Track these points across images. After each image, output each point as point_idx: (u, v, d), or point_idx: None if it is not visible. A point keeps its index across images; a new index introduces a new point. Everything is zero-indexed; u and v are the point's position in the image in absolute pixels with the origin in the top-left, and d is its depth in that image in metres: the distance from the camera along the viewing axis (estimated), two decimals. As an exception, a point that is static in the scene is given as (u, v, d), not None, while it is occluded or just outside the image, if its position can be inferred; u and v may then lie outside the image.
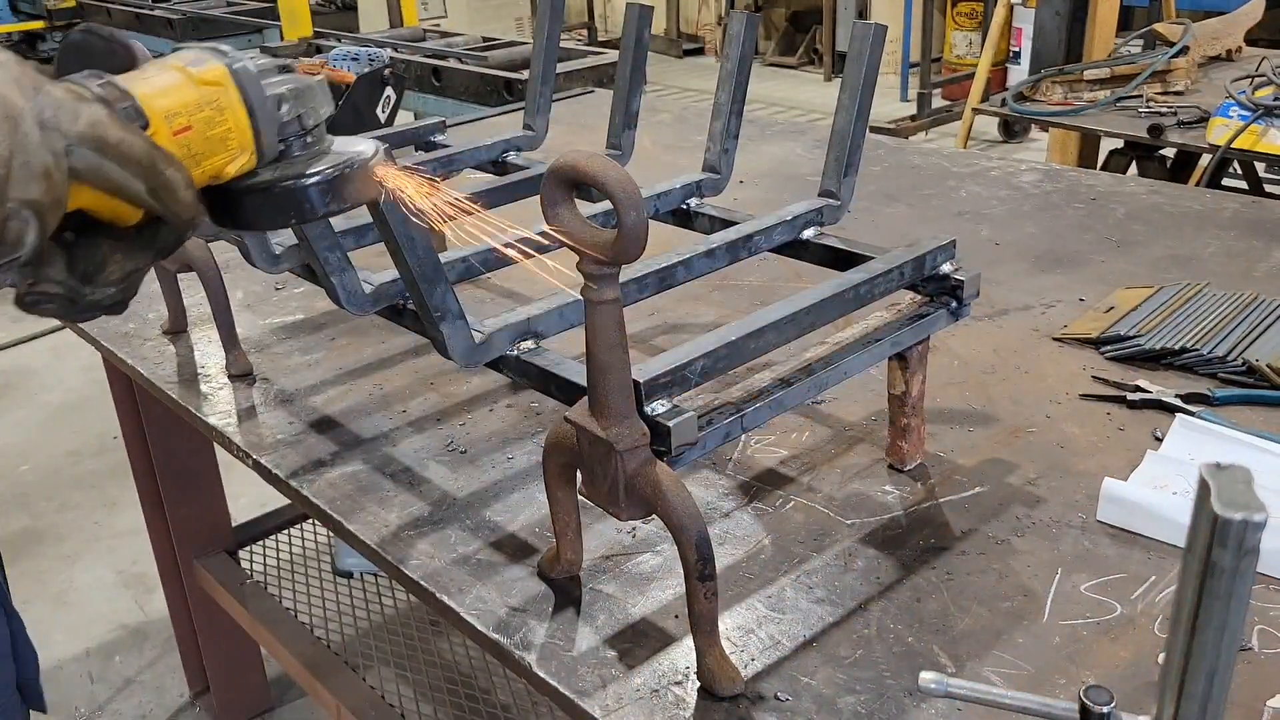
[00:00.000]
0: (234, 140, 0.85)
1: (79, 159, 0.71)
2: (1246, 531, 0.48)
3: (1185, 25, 3.63)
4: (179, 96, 0.81)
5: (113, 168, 0.73)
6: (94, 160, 0.72)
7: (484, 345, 1.13)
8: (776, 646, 1.06)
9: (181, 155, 0.80)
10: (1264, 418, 1.39)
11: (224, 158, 0.84)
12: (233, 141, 0.85)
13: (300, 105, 0.89)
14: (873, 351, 1.20)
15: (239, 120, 0.84)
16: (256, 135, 0.86)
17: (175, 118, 0.81)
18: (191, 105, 0.82)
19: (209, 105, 0.83)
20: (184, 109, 0.81)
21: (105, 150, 0.72)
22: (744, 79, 1.51)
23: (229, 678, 2.66)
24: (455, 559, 1.20)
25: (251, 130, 0.85)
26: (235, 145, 0.85)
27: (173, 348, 1.73)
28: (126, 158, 0.73)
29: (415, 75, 4.12)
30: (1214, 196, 2.22)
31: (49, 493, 3.73)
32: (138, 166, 0.74)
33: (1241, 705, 0.95)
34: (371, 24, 7.17)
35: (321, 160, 0.89)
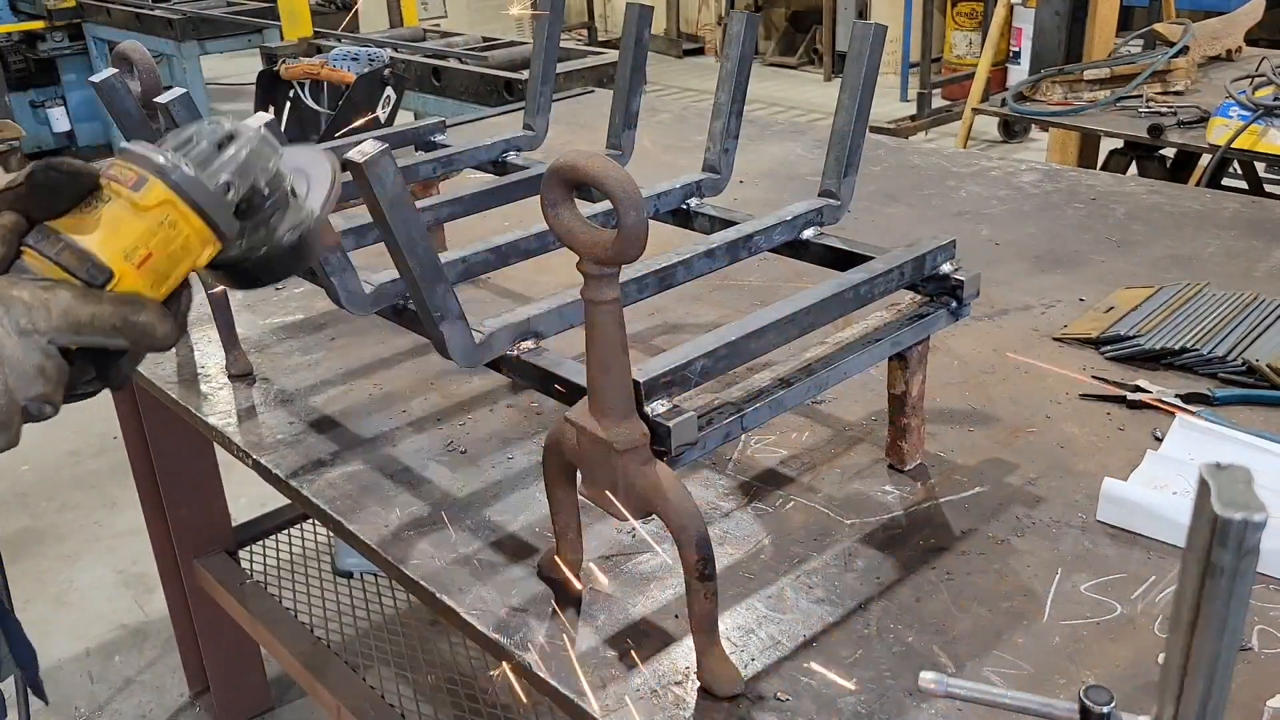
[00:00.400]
0: (194, 242, 0.88)
1: (65, 341, 0.81)
2: (1246, 531, 0.48)
3: (1185, 25, 3.63)
4: (132, 232, 0.85)
5: (94, 338, 0.82)
6: (76, 339, 0.81)
7: (484, 345, 1.13)
8: (776, 646, 1.06)
9: (151, 281, 0.86)
10: (1264, 418, 1.39)
11: (190, 260, 0.89)
12: (193, 244, 0.88)
13: (247, 177, 0.91)
14: (873, 351, 1.20)
15: (194, 225, 0.87)
16: (214, 229, 0.89)
17: (135, 253, 0.85)
18: (146, 234, 0.85)
19: (162, 226, 0.86)
20: (140, 241, 0.85)
21: (81, 331, 0.81)
22: (744, 79, 1.51)
23: (229, 678, 2.66)
24: (455, 559, 1.20)
25: (209, 227, 0.88)
26: (197, 246, 0.88)
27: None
28: (101, 328, 0.82)
29: (415, 75, 4.12)
30: (1214, 196, 2.22)
31: (49, 492, 3.73)
32: (113, 330, 0.83)
33: (1241, 705, 0.95)
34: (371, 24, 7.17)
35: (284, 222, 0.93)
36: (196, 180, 0.87)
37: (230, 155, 0.90)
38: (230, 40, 6.14)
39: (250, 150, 0.91)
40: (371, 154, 0.95)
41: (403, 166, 1.67)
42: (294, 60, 3.51)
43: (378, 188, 0.96)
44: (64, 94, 7.32)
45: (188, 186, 0.87)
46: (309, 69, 3.42)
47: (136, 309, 0.84)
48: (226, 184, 0.89)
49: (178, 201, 0.86)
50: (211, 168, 0.89)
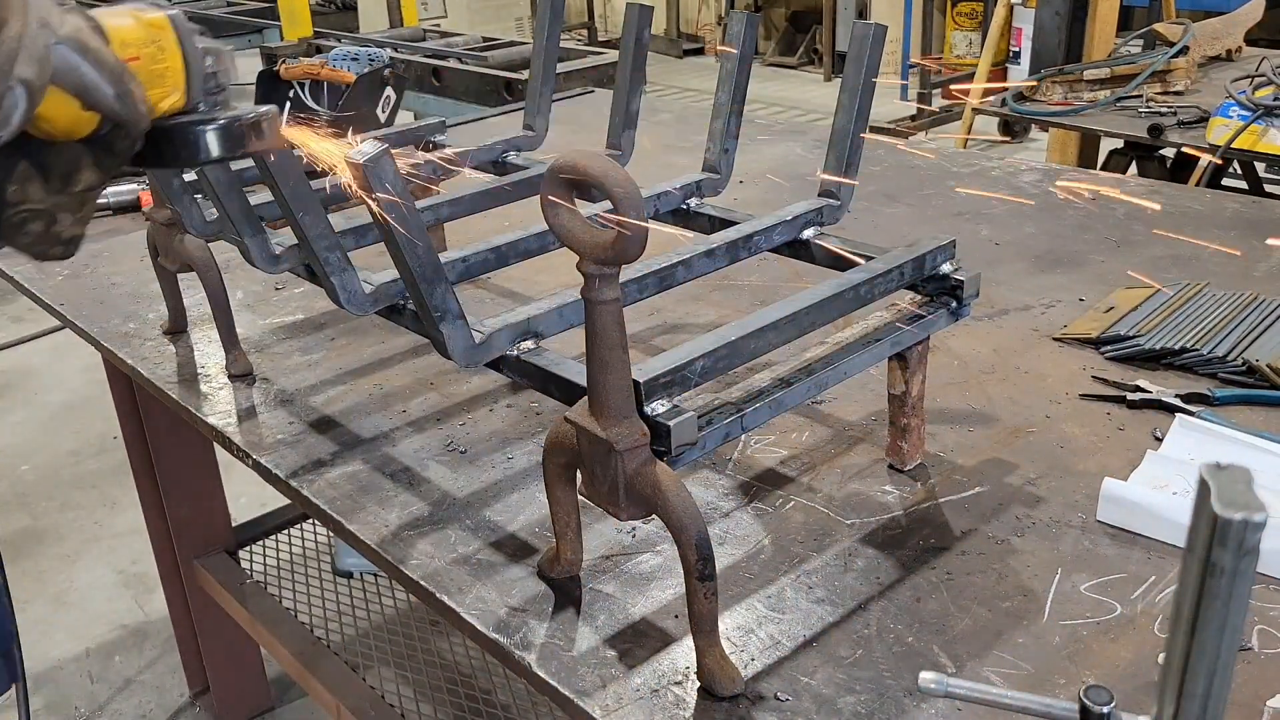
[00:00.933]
0: (170, 79, 0.97)
1: (60, 58, 0.81)
2: (1246, 531, 0.48)
3: (1185, 25, 3.63)
4: (131, 31, 0.93)
5: (88, 70, 0.83)
6: (74, 60, 0.82)
7: (484, 345, 1.13)
8: (776, 646, 1.06)
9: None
10: (1264, 418, 1.39)
11: (160, 92, 0.96)
12: (169, 79, 0.97)
13: (219, 64, 1.01)
14: (873, 351, 1.20)
15: (175, 62, 0.97)
16: (188, 77, 0.98)
17: (127, 47, 0.92)
18: (141, 40, 0.94)
19: (153, 43, 0.95)
20: (135, 41, 0.93)
21: (85, 53, 0.83)
22: (744, 79, 1.51)
23: (229, 678, 2.67)
24: (455, 559, 1.20)
25: (185, 72, 0.97)
26: (170, 83, 0.97)
27: (173, 348, 1.73)
28: (101, 63, 0.84)
29: (415, 75, 4.12)
30: (1214, 197, 2.23)
31: (49, 493, 3.73)
32: (109, 73, 0.85)
33: (1241, 705, 0.95)
34: (372, 24, 7.17)
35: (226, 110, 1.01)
36: (189, 28, 0.99)
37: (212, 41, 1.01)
38: (230, 40, 6.14)
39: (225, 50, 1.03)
40: (371, 154, 0.95)
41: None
42: (294, 60, 3.50)
43: (378, 188, 0.96)
44: (64, 94, 7.31)
45: (181, 28, 0.98)
46: (309, 69, 3.41)
47: (130, 72, 0.88)
48: (205, 51, 1.00)
49: (171, 31, 0.96)
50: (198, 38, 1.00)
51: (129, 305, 1.89)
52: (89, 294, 1.94)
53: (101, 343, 1.77)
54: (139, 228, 2.14)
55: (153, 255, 1.69)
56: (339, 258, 1.18)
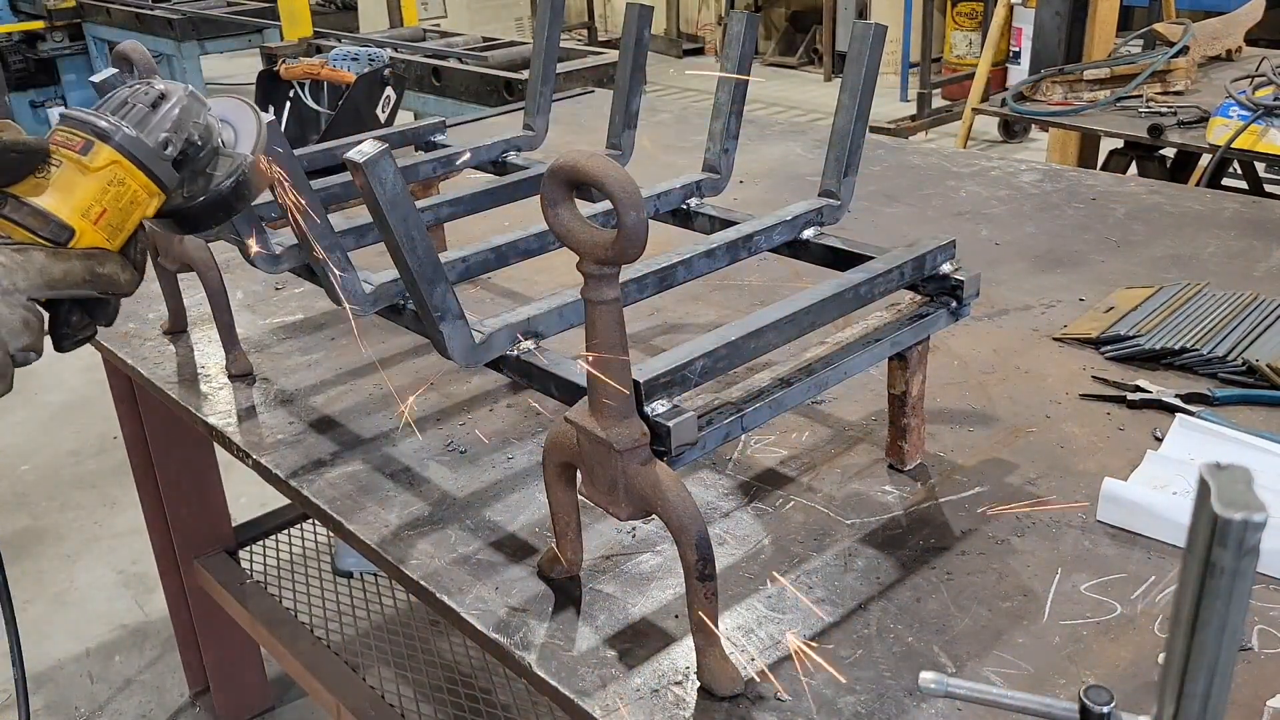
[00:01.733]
0: (141, 195, 1.00)
1: (41, 296, 0.94)
2: (1246, 531, 0.48)
3: (1185, 25, 3.63)
4: (86, 193, 0.97)
5: (67, 291, 0.96)
6: (51, 293, 0.95)
7: (484, 345, 1.13)
8: (776, 646, 1.06)
9: (108, 234, 0.98)
10: (1264, 418, 1.39)
11: (139, 211, 1.01)
12: (141, 196, 1.00)
13: (182, 132, 1.03)
14: (873, 351, 1.20)
15: (139, 180, 1.00)
16: (157, 181, 1.01)
17: (90, 210, 0.97)
18: (98, 193, 0.98)
19: (111, 184, 0.98)
20: (94, 199, 0.97)
21: (55, 286, 0.94)
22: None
23: (229, 678, 2.66)
24: (455, 559, 1.20)
25: (152, 181, 1.01)
26: (144, 198, 1.01)
27: (173, 348, 1.73)
28: (73, 282, 0.96)
29: (415, 75, 4.12)
30: (1214, 196, 2.23)
31: (49, 493, 3.73)
32: (83, 282, 0.96)
33: (1242, 705, 0.95)
34: (371, 24, 7.17)
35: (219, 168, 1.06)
36: (137, 139, 0.99)
37: (164, 113, 1.02)
38: (230, 40, 6.15)
39: (181, 108, 1.03)
40: (371, 154, 0.95)
41: (402, 166, 1.67)
42: (294, 60, 3.51)
43: (378, 188, 0.96)
44: (64, 94, 7.32)
45: (130, 146, 0.99)
46: (309, 69, 3.42)
47: (101, 262, 0.97)
48: (165, 140, 1.01)
49: (123, 160, 0.98)
50: (149, 126, 1.01)
51: (129, 305, 1.87)
52: (89, 294, 1.93)
53: (101, 343, 1.77)
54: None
55: (152, 255, 1.69)
56: (339, 258, 1.18)
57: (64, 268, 0.95)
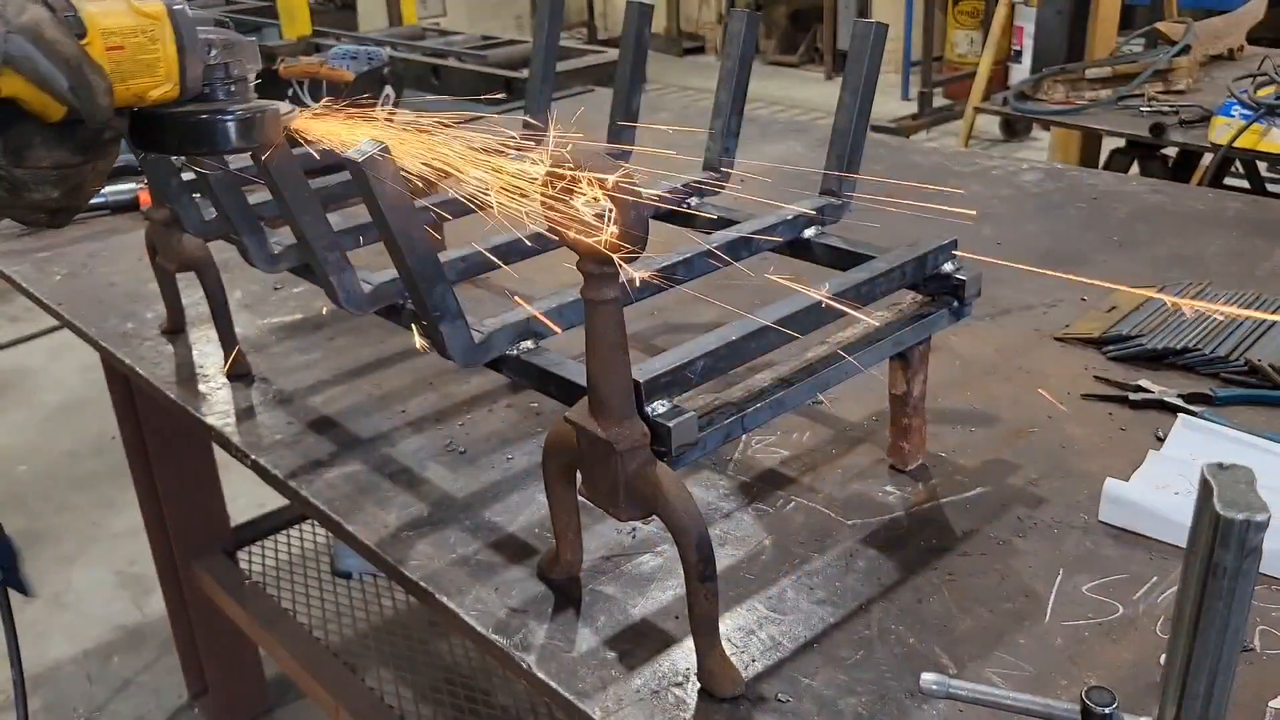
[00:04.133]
0: (161, 69, 0.96)
1: (14, 46, 0.84)
2: (1249, 532, 0.48)
3: (1187, 24, 3.62)
4: (118, 20, 0.93)
5: (41, 60, 0.86)
6: (28, 50, 0.85)
7: (484, 345, 1.13)
8: (777, 647, 1.05)
9: (110, 69, 0.92)
10: (1266, 418, 1.39)
11: (149, 82, 0.96)
12: (160, 69, 0.96)
13: (229, 55, 1.01)
14: (874, 351, 1.20)
15: (168, 52, 0.96)
16: (182, 69, 0.98)
17: (110, 36, 0.93)
18: (128, 30, 0.94)
19: (144, 33, 0.95)
20: (120, 31, 0.93)
21: (39, 42, 0.85)
22: (744, 77, 1.51)
23: (228, 679, 2.66)
24: (455, 560, 1.20)
25: (179, 64, 0.97)
26: (162, 73, 0.97)
27: (171, 348, 1.73)
28: (56, 54, 0.86)
29: (414, 74, 4.11)
30: (1216, 196, 2.22)
31: (47, 493, 3.73)
32: (64, 64, 0.87)
33: (1243, 706, 0.95)
34: (370, 23, 7.17)
35: (238, 102, 1.02)
36: (189, 19, 0.97)
37: (225, 32, 1.01)
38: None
39: (239, 41, 1.02)
40: (371, 154, 0.95)
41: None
42: (293, 59, 3.50)
43: (378, 188, 0.96)
44: (64, 94, 7.30)
45: (179, 19, 0.97)
46: (308, 68, 3.41)
47: (92, 67, 0.89)
48: (209, 43, 0.99)
49: (166, 22, 0.96)
50: (206, 26, 1.00)
51: (127, 305, 1.88)
52: (87, 294, 1.93)
53: (100, 343, 1.77)
54: (137, 227, 2.14)
55: (151, 255, 1.69)
56: (338, 258, 1.18)
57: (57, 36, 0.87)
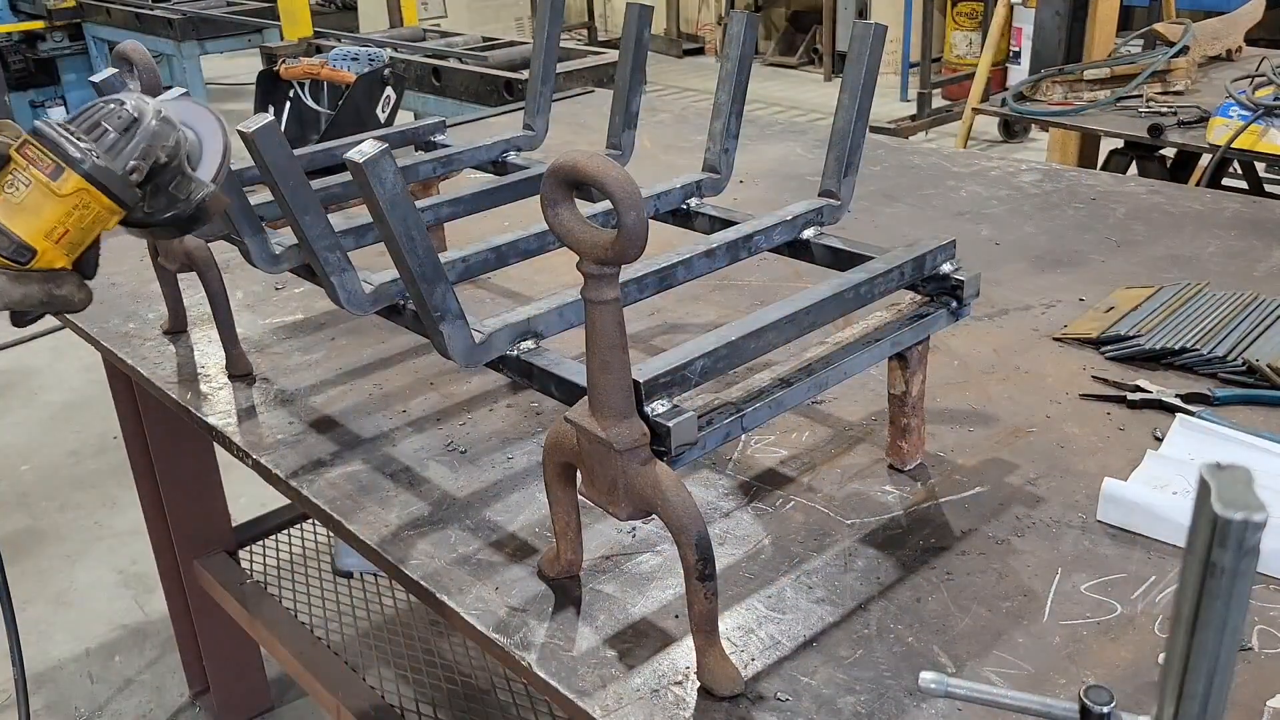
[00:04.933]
0: (104, 215, 1.06)
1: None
2: (1247, 531, 0.48)
3: (1185, 25, 3.63)
4: (52, 215, 1.02)
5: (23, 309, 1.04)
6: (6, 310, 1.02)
7: (484, 345, 1.13)
8: (776, 646, 1.06)
9: (67, 251, 1.04)
10: (1264, 418, 1.39)
11: (100, 228, 1.07)
12: (103, 216, 1.06)
13: (149, 158, 1.08)
14: (873, 351, 1.20)
15: (104, 203, 1.05)
16: (120, 204, 1.06)
17: (54, 232, 1.03)
18: (63, 216, 1.03)
19: (77, 208, 1.03)
20: (59, 222, 1.03)
21: (12, 306, 1.03)
22: (744, 79, 1.51)
23: (229, 678, 2.66)
24: (455, 559, 1.20)
25: (116, 203, 1.06)
26: (106, 217, 1.06)
27: (173, 348, 1.73)
28: (29, 304, 1.04)
29: (415, 75, 4.12)
30: (1214, 196, 2.22)
31: (49, 493, 3.73)
32: (39, 304, 1.04)
33: (1242, 705, 0.95)
34: (371, 24, 7.17)
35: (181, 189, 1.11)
36: (108, 170, 1.04)
37: (135, 141, 1.07)
38: (230, 40, 6.15)
39: (152, 133, 1.08)
40: (371, 154, 0.95)
41: (402, 166, 1.67)
42: (294, 60, 3.51)
43: (378, 188, 0.96)
44: (64, 94, 7.32)
45: (99, 175, 1.03)
46: (309, 69, 3.42)
47: (59, 284, 1.05)
48: (133, 167, 1.06)
49: (90, 188, 1.03)
50: (120, 154, 1.05)
51: (129, 305, 1.89)
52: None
53: (101, 343, 1.77)
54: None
55: (152, 255, 1.69)
56: (339, 258, 1.18)
57: (23, 291, 1.02)
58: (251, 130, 1.08)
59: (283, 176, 1.11)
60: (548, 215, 0.92)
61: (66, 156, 1.01)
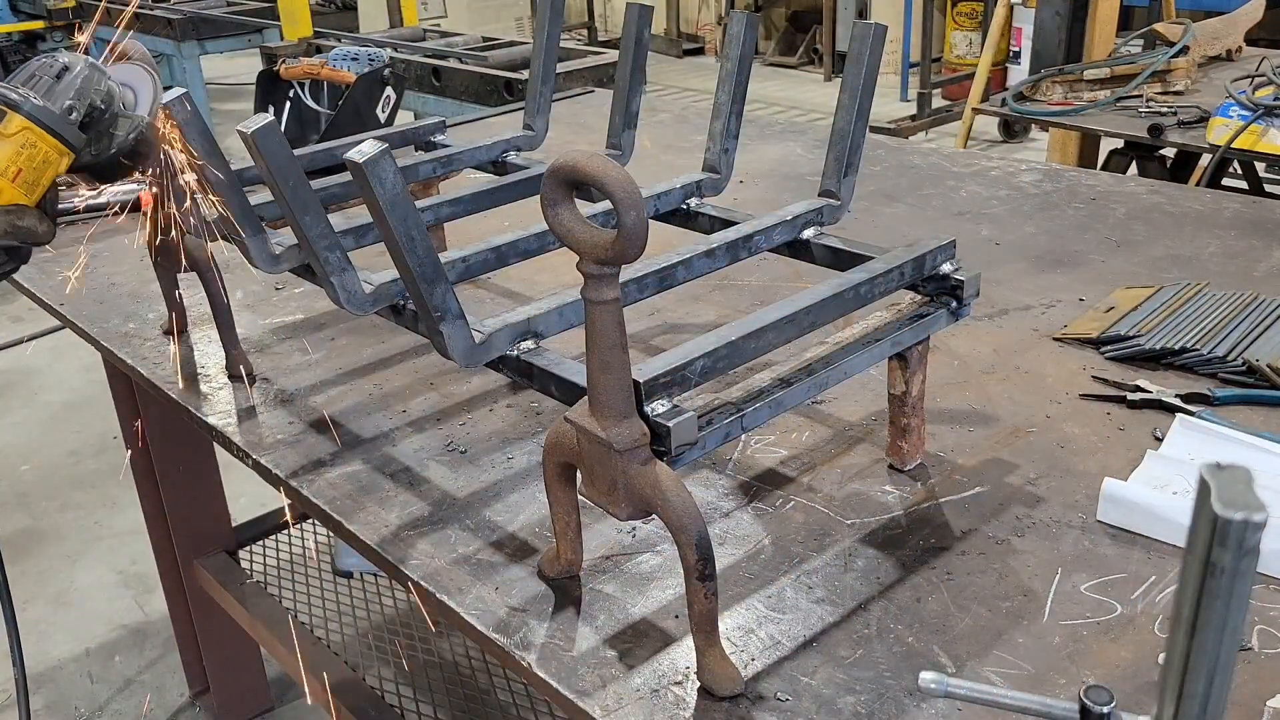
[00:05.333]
0: (52, 155, 1.16)
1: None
2: (1246, 531, 0.48)
3: (1185, 25, 3.63)
4: (2, 156, 1.13)
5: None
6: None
7: (484, 345, 1.13)
8: (776, 646, 1.06)
9: (25, 190, 1.14)
10: (1264, 418, 1.39)
11: (53, 169, 1.16)
12: (52, 157, 1.16)
13: (84, 98, 1.17)
14: (873, 351, 1.20)
15: (49, 142, 1.15)
16: (65, 142, 1.16)
17: (7, 171, 1.13)
18: (13, 155, 1.13)
19: (25, 147, 1.13)
20: (10, 161, 1.13)
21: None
22: (744, 79, 1.51)
23: (229, 678, 2.67)
24: (455, 559, 1.20)
25: (60, 143, 1.16)
26: (55, 158, 1.16)
27: (173, 348, 1.73)
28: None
29: (415, 75, 4.12)
30: (1214, 196, 2.22)
31: (49, 493, 3.73)
32: (4, 234, 1.14)
33: (1241, 705, 0.95)
34: (371, 24, 7.17)
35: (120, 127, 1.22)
36: (44, 108, 1.14)
37: (67, 83, 1.17)
38: (230, 40, 6.15)
39: (83, 78, 1.18)
40: (371, 154, 0.95)
41: (403, 166, 1.67)
42: (294, 60, 3.50)
43: (378, 188, 0.96)
44: (64, 94, 7.30)
45: (38, 113, 1.14)
46: (309, 69, 3.42)
47: (20, 216, 1.14)
48: (69, 106, 1.16)
49: (33, 126, 1.13)
50: (55, 95, 1.15)
51: (129, 305, 1.88)
52: (89, 294, 1.94)
53: (101, 343, 1.77)
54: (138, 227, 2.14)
55: (152, 255, 1.69)
56: (339, 258, 1.18)
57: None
58: (251, 130, 1.08)
59: (283, 176, 1.11)
60: (548, 215, 0.92)
61: (6, 100, 1.13)
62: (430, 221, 1.58)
